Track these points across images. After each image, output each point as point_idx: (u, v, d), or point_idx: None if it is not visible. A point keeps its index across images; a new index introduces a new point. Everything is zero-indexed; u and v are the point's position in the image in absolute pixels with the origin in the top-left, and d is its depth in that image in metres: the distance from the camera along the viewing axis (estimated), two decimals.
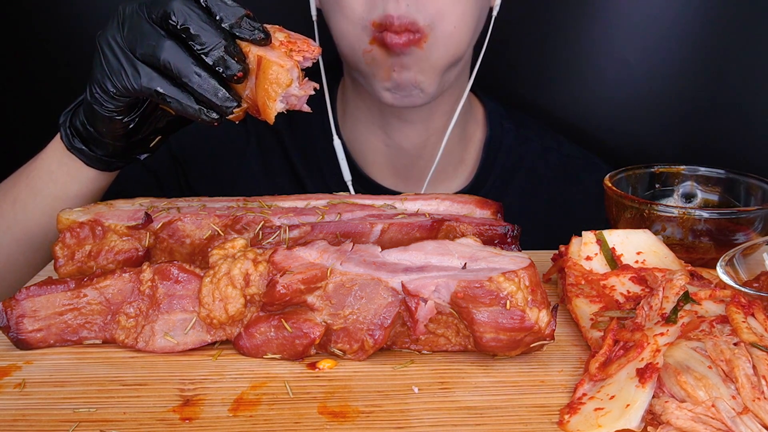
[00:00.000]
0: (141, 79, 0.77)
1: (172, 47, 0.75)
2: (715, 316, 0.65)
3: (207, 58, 0.74)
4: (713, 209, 0.90)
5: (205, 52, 0.74)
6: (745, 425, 0.54)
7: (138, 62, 0.77)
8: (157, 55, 0.75)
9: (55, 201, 0.93)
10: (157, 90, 0.76)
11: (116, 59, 0.78)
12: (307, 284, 0.68)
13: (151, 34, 0.76)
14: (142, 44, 0.76)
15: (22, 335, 0.70)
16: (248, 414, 0.61)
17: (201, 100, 0.76)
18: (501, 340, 0.66)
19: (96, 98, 0.82)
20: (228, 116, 0.77)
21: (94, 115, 0.84)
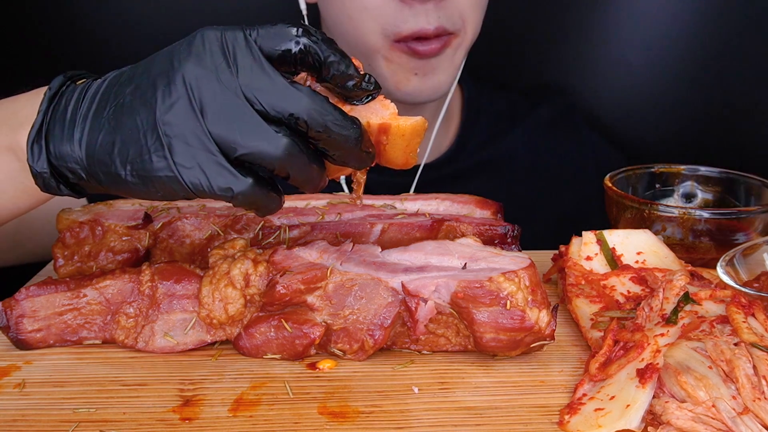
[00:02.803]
0: (233, 187, 0.58)
1: (291, 147, 0.57)
2: (716, 317, 0.65)
3: (334, 159, 0.60)
4: (713, 209, 0.90)
5: (335, 157, 0.60)
6: (745, 425, 0.54)
7: (229, 166, 0.57)
8: (270, 162, 0.58)
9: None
10: (252, 203, 0.59)
11: (193, 158, 0.57)
12: (307, 284, 0.68)
13: (263, 132, 0.57)
14: (247, 145, 0.57)
15: (22, 335, 0.70)
16: (248, 414, 0.61)
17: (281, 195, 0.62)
18: (501, 340, 0.66)
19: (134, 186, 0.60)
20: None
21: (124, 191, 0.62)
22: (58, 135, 0.62)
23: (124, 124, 0.59)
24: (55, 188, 0.64)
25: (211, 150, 0.57)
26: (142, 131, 0.58)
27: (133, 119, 0.59)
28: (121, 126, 0.59)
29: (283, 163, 0.58)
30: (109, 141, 0.60)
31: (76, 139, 0.61)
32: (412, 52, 1.01)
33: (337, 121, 0.58)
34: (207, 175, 0.57)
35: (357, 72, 0.60)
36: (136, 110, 0.59)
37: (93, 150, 0.61)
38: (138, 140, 0.59)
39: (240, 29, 0.58)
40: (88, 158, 0.61)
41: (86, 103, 0.62)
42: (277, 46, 0.58)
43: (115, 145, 0.60)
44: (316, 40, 0.58)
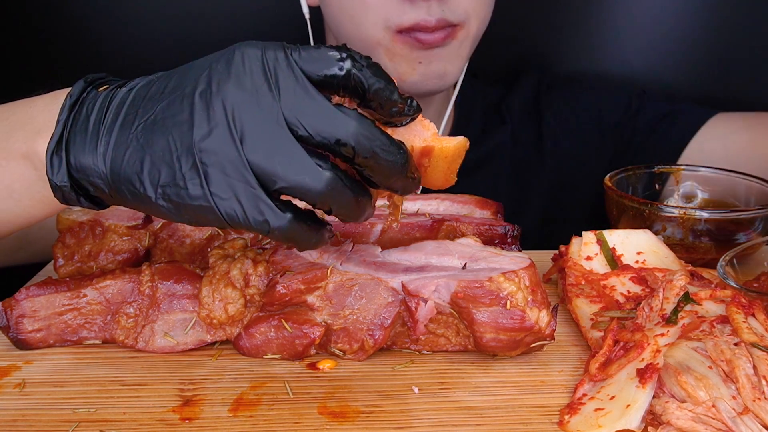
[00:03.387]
0: (270, 221, 0.55)
1: (334, 182, 0.54)
2: (716, 316, 0.65)
3: (379, 185, 0.58)
4: (713, 209, 0.90)
5: (380, 183, 0.57)
6: (745, 425, 0.54)
7: (268, 199, 0.54)
8: (312, 197, 0.54)
9: (10, 217, 0.68)
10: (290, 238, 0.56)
11: (230, 189, 0.54)
12: (307, 284, 0.68)
13: (304, 163, 0.54)
14: (287, 177, 0.54)
15: (22, 335, 0.70)
16: (248, 414, 0.61)
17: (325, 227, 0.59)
18: (501, 340, 0.66)
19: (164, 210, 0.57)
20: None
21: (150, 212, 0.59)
22: (80, 147, 0.59)
23: (155, 144, 0.55)
24: (74, 201, 0.61)
25: (250, 182, 0.54)
26: (176, 155, 0.55)
27: (165, 140, 0.55)
28: (152, 145, 0.56)
29: (325, 198, 0.54)
30: (137, 159, 0.56)
31: (100, 153, 0.58)
32: (416, 42, 1.01)
33: (384, 146, 0.55)
34: (244, 207, 0.54)
35: (401, 98, 0.57)
36: (169, 130, 0.55)
37: (119, 166, 0.57)
38: (171, 164, 0.55)
39: (281, 48, 0.55)
40: (113, 174, 0.57)
41: (111, 115, 0.58)
42: (321, 71, 0.54)
43: (144, 165, 0.56)
44: (360, 66, 0.55)
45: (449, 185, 0.63)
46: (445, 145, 0.59)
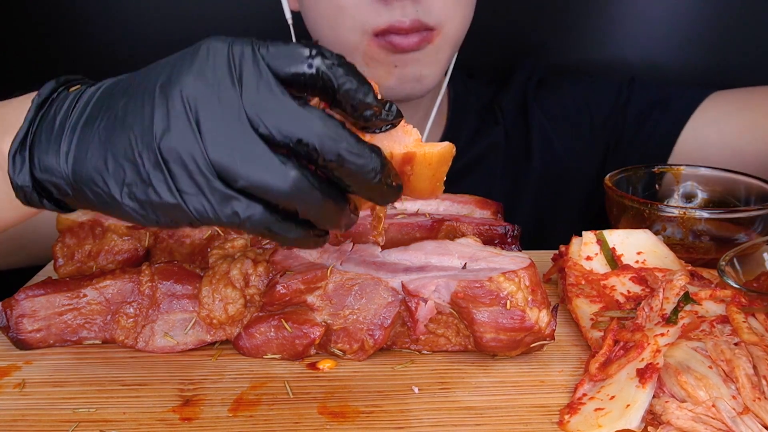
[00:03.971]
0: (240, 213, 0.52)
1: (299, 181, 0.51)
2: (716, 316, 0.65)
3: (355, 192, 0.55)
4: (713, 209, 0.90)
5: (354, 190, 0.54)
6: (745, 425, 0.54)
7: (233, 193, 0.52)
8: (275, 197, 0.52)
9: None
10: (268, 230, 0.54)
11: (195, 185, 0.52)
12: (307, 284, 0.68)
13: (267, 161, 0.51)
14: (247, 175, 0.51)
15: (22, 335, 0.70)
16: (248, 414, 0.61)
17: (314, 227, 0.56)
18: (501, 340, 0.66)
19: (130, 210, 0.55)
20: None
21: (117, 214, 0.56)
22: (44, 146, 0.57)
23: (117, 141, 0.54)
24: (37, 203, 0.58)
25: (209, 178, 0.52)
26: (137, 151, 0.53)
27: (125, 136, 0.53)
28: (114, 142, 0.54)
29: (290, 198, 0.52)
30: (100, 158, 0.54)
31: (62, 152, 0.56)
32: (391, 46, 1.00)
33: (352, 148, 0.52)
34: (212, 202, 0.52)
35: (376, 100, 0.54)
36: (129, 126, 0.53)
37: (81, 165, 0.55)
38: (134, 161, 0.53)
39: (249, 43, 0.53)
40: (75, 174, 0.55)
41: (77, 113, 0.57)
42: (288, 67, 0.52)
43: (108, 164, 0.54)
44: (331, 64, 0.52)
45: (436, 195, 0.60)
46: (428, 151, 0.56)
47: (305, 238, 0.55)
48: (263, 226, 0.53)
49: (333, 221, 0.55)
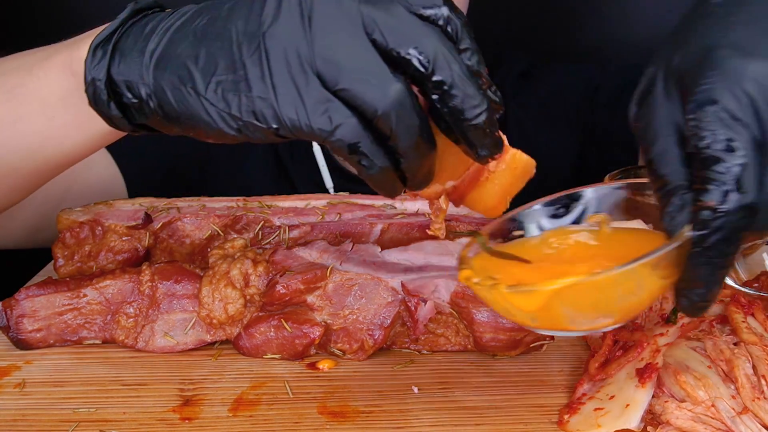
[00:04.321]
0: (328, 117, 0.48)
1: (402, 95, 0.48)
2: (715, 316, 0.65)
3: (451, 126, 0.50)
4: None
5: (452, 122, 0.49)
6: (744, 425, 0.54)
7: (331, 96, 0.48)
8: (372, 107, 0.47)
9: (40, 141, 0.65)
10: (353, 146, 0.49)
11: (291, 82, 0.48)
12: (307, 284, 0.68)
13: (375, 68, 0.48)
14: (350, 77, 0.48)
15: (22, 335, 0.70)
16: (248, 414, 0.61)
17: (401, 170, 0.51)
18: (501, 340, 0.66)
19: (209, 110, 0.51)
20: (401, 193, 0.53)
21: (190, 117, 0.52)
22: (130, 43, 0.53)
23: (214, 35, 0.50)
24: (104, 104, 0.55)
25: (309, 76, 0.48)
26: (237, 43, 0.49)
27: (227, 29, 0.50)
28: (209, 37, 0.50)
29: (387, 113, 0.47)
30: (191, 52, 0.51)
31: (149, 50, 0.52)
32: None
33: (463, 74, 0.48)
34: (305, 102, 0.48)
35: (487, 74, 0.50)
36: (233, 20, 0.50)
37: (167, 60, 0.51)
38: (230, 52, 0.49)
39: None
40: (157, 69, 0.52)
41: (174, 18, 0.53)
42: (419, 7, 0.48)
43: (199, 58, 0.50)
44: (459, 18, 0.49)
45: (498, 213, 0.56)
46: (518, 155, 0.53)
47: (387, 173, 0.50)
48: (351, 139, 0.48)
49: (419, 159, 0.50)
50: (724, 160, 0.46)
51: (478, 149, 0.50)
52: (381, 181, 0.50)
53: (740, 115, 0.47)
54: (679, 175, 0.50)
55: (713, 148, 0.47)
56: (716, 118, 0.47)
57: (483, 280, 0.52)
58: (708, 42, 0.50)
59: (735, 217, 0.46)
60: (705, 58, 0.49)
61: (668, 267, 0.49)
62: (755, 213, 0.47)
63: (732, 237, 0.47)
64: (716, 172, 0.47)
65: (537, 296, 0.49)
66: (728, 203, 0.46)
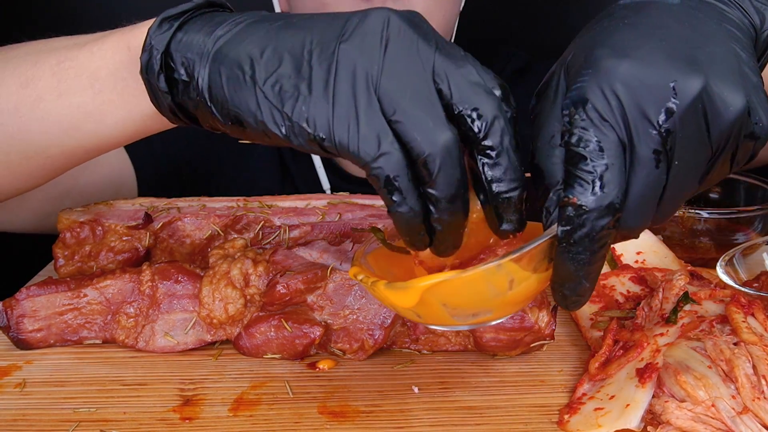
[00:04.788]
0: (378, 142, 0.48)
1: (452, 144, 0.48)
2: (715, 316, 0.65)
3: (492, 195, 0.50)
4: (713, 209, 0.90)
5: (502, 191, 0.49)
6: (744, 425, 0.54)
7: (388, 128, 0.48)
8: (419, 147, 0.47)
9: (83, 116, 0.64)
10: (390, 179, 0.48)
11: (352, 97, 0.48)
12: (307, 284, 0.68)
13: (433, 111, 0.48)
14: (409, 112, 0.48)
15: (22, 335, 0.70)
16: (248, 414, 0.61)
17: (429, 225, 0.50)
18: (501, 340, 0.66)
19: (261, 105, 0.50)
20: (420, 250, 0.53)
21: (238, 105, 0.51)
22: (198, 25, 0.53)
23: (287, 37, 0.50)
24: (154, 74, 0.54)
25: (371, 98, 0.48)
26: (308, 48, 0.49)
27: (300, 35, 0.50)
28: (281, 37, 0.50)
29: (434, 156, 0.47)
30: (258, 46, 0.51)
31: (215, 35, 0.52)
32: None
33: (512, 146, 0.49)
34: (359, 121, 0.48)
35: (522, 203, 0.50)
36: (311, 27, 0.50)
37: (231, 48, 0.51)
38: (300, 54, 0.49)
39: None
40: (218, 52, 0.52)
41: (248, 15, 0.54)
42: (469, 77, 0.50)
43: (264, 53, 0.50)
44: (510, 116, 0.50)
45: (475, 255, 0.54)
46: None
47: (414, 216, 0.49)
48: (391, 172, 0.48)
49: (450, 216, 0.49)
50: (589, 158, 0.47)
51: (504, 222, 0.50)
52: (407, 222, 0.49)
53: (608, 116, 0.48)
54: (556, 172, 0.51)
55: (581, 147, 0.48)
56: (585, 117, 0.48)
57: (365, 277, 0.53)
58: (593, 41, 0.51)
59: (596, 215, 0.47)
60: (585, 56, 0.50)
61: (543, 262, 0.50)
62: (616, 212, 0.48)
63: (595, 235, 0.48)
64: (582, 170, 0.48)
65: (411, 293, 0.50)
66: (590, 201, 0.47)
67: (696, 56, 0.49)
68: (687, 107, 0.47)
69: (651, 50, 0.49)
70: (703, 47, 0.50)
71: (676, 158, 0.48)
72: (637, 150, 0.48)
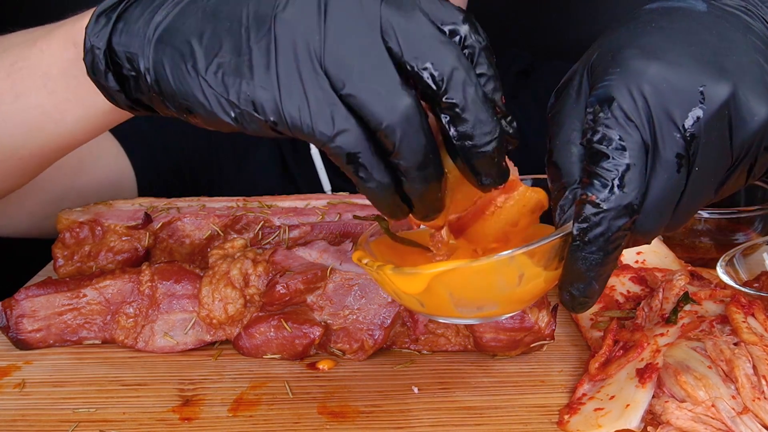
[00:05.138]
0: (331, 120, 0.45)
1: (411, 111, 0.45)
2: (715, 316, 0.65)
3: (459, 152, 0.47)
4: (713, 209, 0.90)
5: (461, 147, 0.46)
6: (745, 425, 0.54)
7: (340, 103, 0.45)
8: (377, 119, 0.45)
9: (41, 117, 0.63)
10: (353, 155, 0.46)
11: (297, 74, 0.45)
12: (307, 284, 0.68)
13: (386, 78, 0.45)
14: (359, 84, 0.45)
15: (22, 335, 0.70)
16: (248, 414, 0.61)
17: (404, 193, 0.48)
18: (501, 340, 0.66)
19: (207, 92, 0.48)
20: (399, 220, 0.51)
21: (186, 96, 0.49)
22: (137, 15, 0.51)
23: (223, 14, 0.47)
24: (101, 74, 0.52)
25: (317, 73, 0.45)
26: (246, 24, 0.46)
27: (238, 8, 0.47)
28: (220, 15, 0.47)
29: (393, 126, 0.45)
30: (196, 28, 0.48)
31: (154, 22, 0.50)
32: None
33: (478, 96, 0.45)
34: (309, 99, 0.45)
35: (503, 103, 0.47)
36: (246, 2, 0.47)
37: (171, 34, 0.48)
38: (238, 33, 0.46)
39: None
40: (158, 42, 0.49)
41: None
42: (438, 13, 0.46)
43: (204, 35, 0.47)
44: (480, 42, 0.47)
45: (500, 243, 0.53)
46: (530, 193, 0.51)
47: (386, 190, 0.47)
48: (351, 149, 0.46)
49: (423, 182, 0.47)
50: (611, 157, 0.47)
51: (482, 177, 0.48)
52: (379, 197, 0.48)
53: (633, 115, 0.47)
54: (574, 170, 0.50)
55: (603, 145, 0.47)
56: (610, 116, 0.47)
57: (371, 261, 0.52)
58: (620, 42, 0.51)
59: (614, 214, 0.47)
60: (612, 56, 0.50)
61: (553, 260, 0.50)
62: (634, 213, 0.47)
63: (611, 235, 0.47)
64: (602, 168, 0.47)
65: (419, 279, 0.49)
66: (609, 200, 0.46)
67: (724, 63, 0.49)
68: (713, 113, 0.47)
69: (680, 54, 0.49)
70: (729, 55, 0.49)
71: (696, 164, 0.48)
72: (661, 152, 0.47)
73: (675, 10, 0.53)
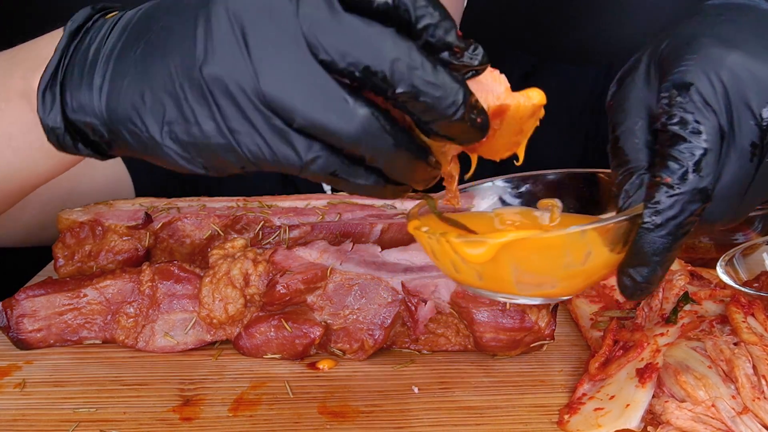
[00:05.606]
0: (296, 153, 0.45)
1: (368, 122, 0.44)
2: (715, 316, 0.65)
3: (431, 131, 0.46)
4: None
5: (432, 127, 0.45)
6: (745, 425, 0.54)
7: (292, 133, 0.45)
8: (339, 140, 0.44)
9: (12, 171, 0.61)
10: (330, 174, 0.46)
11: (247, 121, 0.45)
12: (307, 284, 0.68)
13: (329, 96, 0.43)
14: (306, 111, 0.44)
15: (22, 335, 0.70)
16: (248, 414, 0.61)
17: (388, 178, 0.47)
18: (501, 340, 0.66)
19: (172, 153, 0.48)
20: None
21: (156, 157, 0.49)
22: (76, 80, 0.49)
23: (155, 70, 0.46)
24: (71, 147, 0.52)
25: (263, 113, 0.44)
26: (178, 82, 0.45)
27: (165, 64, 0.46)
28: (150, 72, 0.46)
29: (356, 142, 0.44)
30: (137, 91, 0.47)
31: (96, 86, 0.48)
32: None
33: (428, 76, 0.43)
34: (267, 140, 0.44)
35: (459, 39, 0.44)
36: (168, 51, 0.46)
37: (117, 101, 0.48)
38: (174, 94, 0.46)
39: None
40: (109, 111, 0.48)
41: (112, 40, 0.49)
42: None
43: (145, 98, 0.47)
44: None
45: (512, 151, 0.52)
46: (522, 102, 0.49)
47: (377, 185, 0.47)
48: (327, 171, 0.45)
49: (407, 174, 0.47)
50: (688, 140, 0.47)
51: (461, 141, 0.47)
52: (372, 193, 0.48)
53: (712, 101, 0.47)
54: (641, 156, 0.50)
55: (680, 128, 0.47)
56: (688, 100, 0.48)
57: (431, 229, 0.51)
58: (694, 31, 0.51)
59: (688, 198, 0.47)
60: (688, 44, 0.50)
61: (618, 243, 0.49)
62: (707, 200, 0.47)
63: (683, 219, 0.47)
64: (679, 151, 0.47)
65: (487, 248, 0.48)
66: (684, 183, 0.47)
67: None
68: None
69: (758, 45, 0.49)
70: None
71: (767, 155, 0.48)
72: (737, 139, 0.47)
73: (739, 6, 0.53)
